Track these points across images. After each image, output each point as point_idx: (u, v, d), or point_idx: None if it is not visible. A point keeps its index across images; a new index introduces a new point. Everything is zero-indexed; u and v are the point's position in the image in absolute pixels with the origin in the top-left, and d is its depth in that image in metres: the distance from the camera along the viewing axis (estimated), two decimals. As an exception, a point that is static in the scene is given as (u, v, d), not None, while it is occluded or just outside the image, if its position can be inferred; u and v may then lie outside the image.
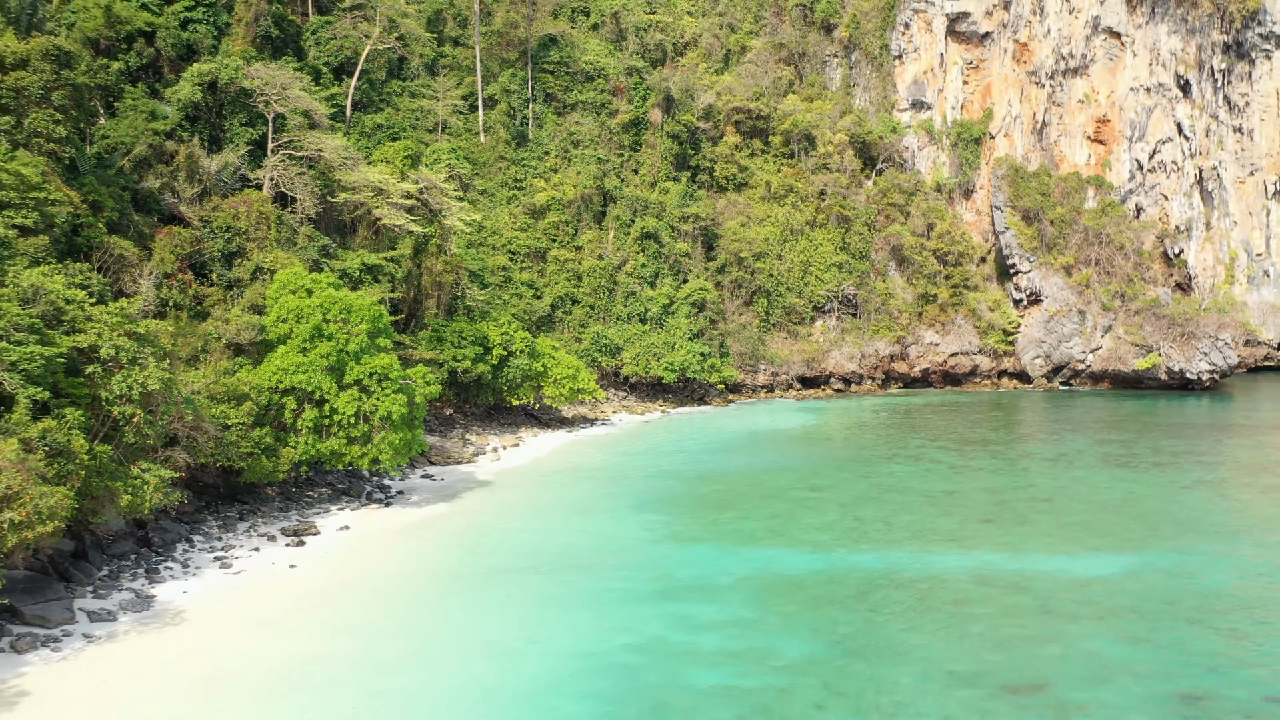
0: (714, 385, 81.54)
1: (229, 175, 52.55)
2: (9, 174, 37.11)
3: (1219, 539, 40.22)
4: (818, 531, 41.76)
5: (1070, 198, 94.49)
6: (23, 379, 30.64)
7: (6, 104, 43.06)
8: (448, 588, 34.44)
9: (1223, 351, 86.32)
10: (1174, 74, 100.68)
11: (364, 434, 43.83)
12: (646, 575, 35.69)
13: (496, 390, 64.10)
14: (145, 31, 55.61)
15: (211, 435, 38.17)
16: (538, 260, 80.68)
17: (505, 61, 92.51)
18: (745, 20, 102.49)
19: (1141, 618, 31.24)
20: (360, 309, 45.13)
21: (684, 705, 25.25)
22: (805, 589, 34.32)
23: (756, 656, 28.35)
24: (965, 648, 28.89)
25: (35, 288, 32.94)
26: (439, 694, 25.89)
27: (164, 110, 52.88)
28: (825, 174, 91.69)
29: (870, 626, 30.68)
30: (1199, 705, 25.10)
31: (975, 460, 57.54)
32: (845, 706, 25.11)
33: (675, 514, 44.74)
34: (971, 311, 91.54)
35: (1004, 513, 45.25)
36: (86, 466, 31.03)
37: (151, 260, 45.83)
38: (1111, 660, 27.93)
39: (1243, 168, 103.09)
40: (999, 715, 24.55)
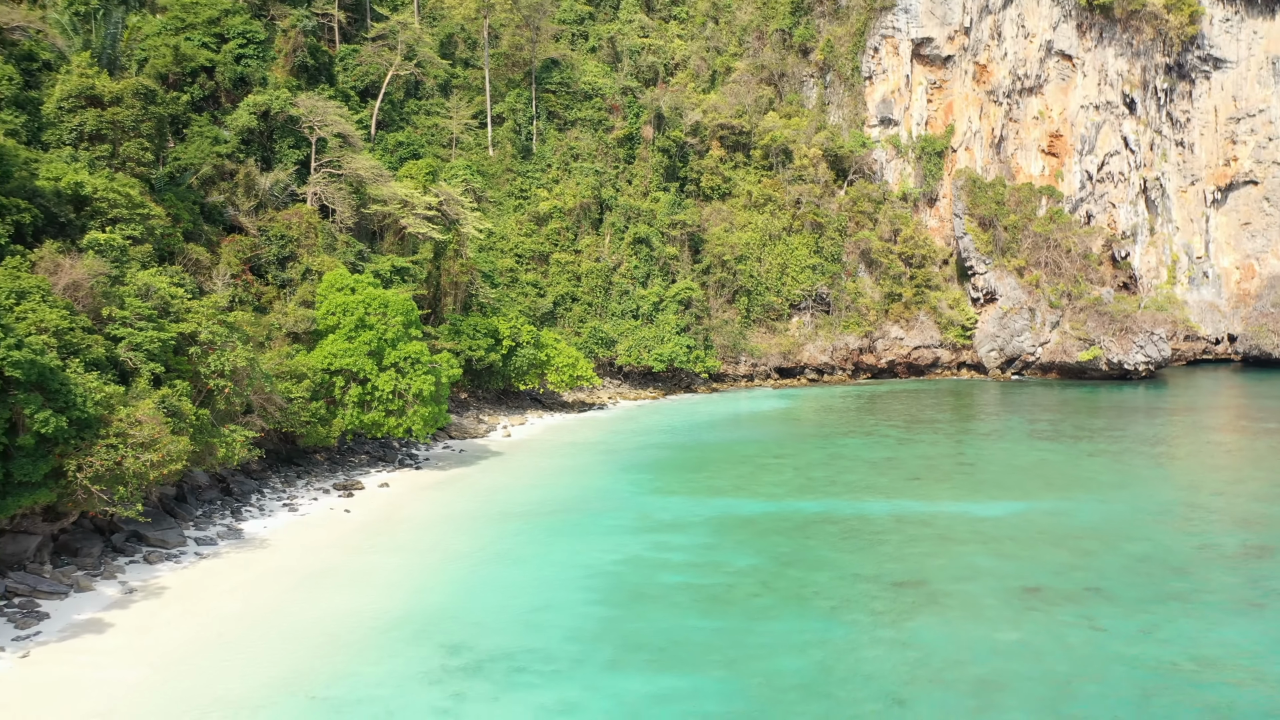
0: (699, 375, 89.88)
1: (280, 191, 60.94)
2: (119, 194, 45.48)
3: (1099, 491, 48.67)
4: (774, 486, 50.20)
5: (1023, 206, 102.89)
6: (145, 357, 38.99)
7: (105, 134, 51.50)
8: (471, 524, 42.89)
9: (1157, 345, 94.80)
10: (1121, 93, 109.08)
11: (399, 408, 52.23)
12: (630, 516, 44.12)
13: (506, 377, 72.40)
14: (206, 67, 63.84)
15: (279, 406, 46.67)
16: (541, 262, 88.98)
17: (511, 82, 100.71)
18: (730, 44, 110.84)
19: (1014, 543, 39.70)
20: (395, 304, 53.55)
21: (655, 595, 33.67)
22: (756, 525, 42.76)
23: (712, 566, 36.78)
24: (871, 559, 37.36)
25: (147, 285, 41.28)
26: (471, 585, 34.34)
27: (224, 135, 61.16)
28: (801, 184, 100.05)
29: (802, 548, 39.11)
30: (1036, 594, 33.50)
31: (919, 435, 65.97)
32: (773, 595, 33.54)
33: (658, 474, 53.16)
34: (933, 309, 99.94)
35: (930, 473, 53.72)
36: (193, 425, 39.40)
37: (220, 263, 54.19)
38: (981, 568, 36.39)
39: (1184, 178, 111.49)
40: (883, 599, 33.03)
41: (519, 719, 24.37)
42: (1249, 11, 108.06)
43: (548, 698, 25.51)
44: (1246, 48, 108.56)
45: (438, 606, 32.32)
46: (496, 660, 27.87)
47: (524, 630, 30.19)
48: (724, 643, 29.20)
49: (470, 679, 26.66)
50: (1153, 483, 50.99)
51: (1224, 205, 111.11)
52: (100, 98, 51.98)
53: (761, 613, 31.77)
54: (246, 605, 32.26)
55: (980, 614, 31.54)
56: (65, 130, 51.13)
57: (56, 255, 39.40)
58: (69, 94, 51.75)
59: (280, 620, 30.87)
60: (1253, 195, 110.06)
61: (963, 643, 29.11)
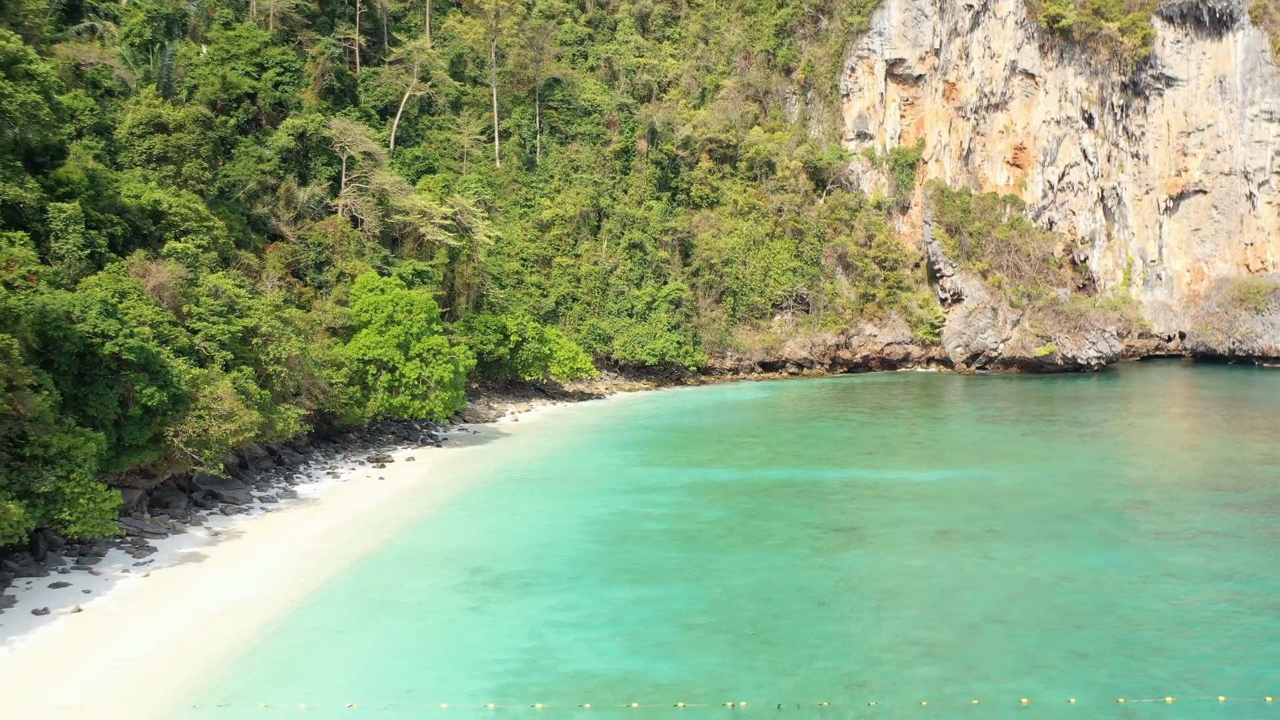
0: (688, 368, 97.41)
1: (315, 203, 68.55)
2: (189, 209, 53.05)
3: (1024, 462, 56.25)
4: (746, 459, 57.77)
5: (987, 214, 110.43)
6: (217, 346, 46.57)
7: (170, 156, 59.16)
8: (486, 487, 50.49)
9: (1108, 341, 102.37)
10: (1080, 109, 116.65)
11: (423, 392, 59.80)
12: (621, 482, 51.69)
13: (513, 368, 79.89)
14: (249, 93, 71.32)
15: (322, 389, 54.28)
16: (544, 265, 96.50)
17: (517, 99, 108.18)
18: (719, 63, 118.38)
19: (939, 500, 47.29)
20: (419, 303, 61.15)
21: (639, 537, 41.25)
22: (727, 488, 50.35)
23: (687, 517, 44.36)
24: (818, 513, 44.97)
25: (216, 286, 48.84)
26: (489, 529, 41.93)
27: (266, 154, 68.70)
28: (783, 194, 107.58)
29: (762, 505, 46.70)
30: (946, 535, 41.04)
31: (880, 420, 73.55)
32: (734, 537, 41.12)
33: (646, 451, 60.74)
34: (904, 309, 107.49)
35: (883, 449, 61.33)
36: (258, 403, 46.95)
37: (267, 267, 61.75)
38: (906, 517, 43.99)
39: (1139, 187, 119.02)
40: (822, 539, 40.62)
41: (530, 614, 31.88)
42: (1198, 34, 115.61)
43: (553, 601, 33.08)
44: (1196, 67, 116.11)
45: (463, 544, 39.90)
46: (511, 578, 35.45)
47: (532, 559, 37.79)
48: (692, 568, 36.78)
49: (491, 589, 34.24)
50: (1072, 456, 58.53)
51: (1176, 213, 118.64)
52: (166, 124, 59.72)
53: (723, 549, 39.37)
54: (312, 543, 39.85)
55: (897, 549, 39.15)
56: (136, 153, 58.86)
57: (144, 262, 47.01)
58: (139, 121, 59.50)
59: (342, 553, 38.48)
60: (1202, 204, 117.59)
61: (878, 568, 36.71)
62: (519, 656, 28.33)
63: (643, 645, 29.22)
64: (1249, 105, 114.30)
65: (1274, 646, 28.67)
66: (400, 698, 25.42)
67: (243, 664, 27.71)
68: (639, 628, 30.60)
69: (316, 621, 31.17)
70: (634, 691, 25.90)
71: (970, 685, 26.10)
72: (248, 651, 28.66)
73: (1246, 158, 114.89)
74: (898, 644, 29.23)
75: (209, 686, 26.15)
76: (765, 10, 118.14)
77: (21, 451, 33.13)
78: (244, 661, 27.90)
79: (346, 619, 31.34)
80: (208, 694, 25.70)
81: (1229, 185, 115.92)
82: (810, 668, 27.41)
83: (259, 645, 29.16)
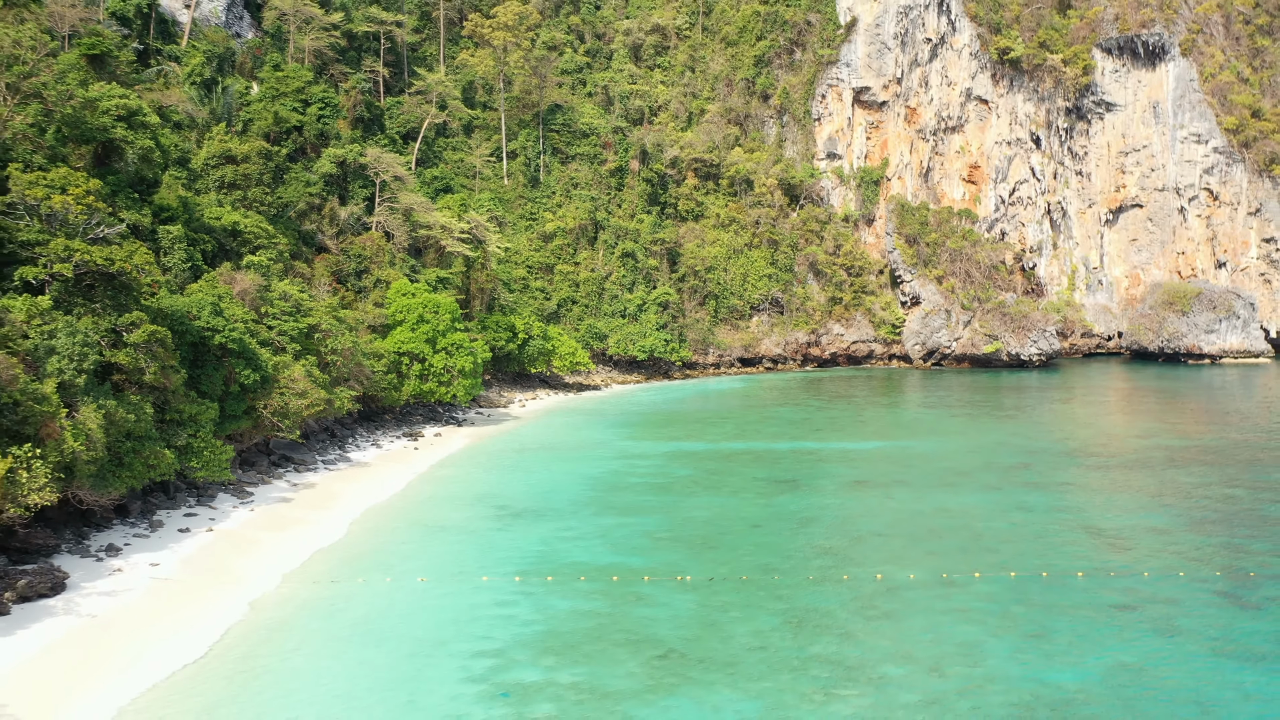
0: (675, 363, 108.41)
1: (354, 220, 79.63)
2: (260, 229, 64.15)
3: (944, 436, 67.31)
4: (716, 435, 68.87)
5: (943, 226, 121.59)
6: (288, 339, 57.66)
7: (238, 183, 70.29)
8: (502, 454, 61.58)
9: (1049, 339, 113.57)
10: (1029, 131, 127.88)
11: (448, 379, 70.88)
12: (611, 452, 62.74)
13: (520, 362, 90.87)
14: (297, 126, 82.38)
15: (367, 376, 65.36)
16: (547, 272, 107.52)
17: (523, 122, 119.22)
18: (704, 90, 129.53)
19: (864, 462, 58.41)
20: (444, 305, 72.23)
21: (624, 486, 52.33)
22: (697, 455, 61.46)
23: (663, 474, 55.45)
24: (766, 471, 56.09)
25: (286, 292, 59.95)
26: (507, 481, 53.03)
27: (313, 179, 79.72)
28: (760, 208, 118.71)
29: (725, 466, 57.81)
30: (862, 484, 52.12)
31: (835, 405, 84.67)
32: (697, 487, 52.16)
33: (634, 429, 71.81)
34: (868, 310, 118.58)
35: (830, 426, 72.46)
36: (321, 385, 58.01)
37: (316, 275, 72.79)
38: (833, 473, 55.11)
39: (1083, 201, 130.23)
40: (765, 489, 51.69)
41: (542, 533, 42.93)
42: (1134, 64, 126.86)
43: (558, 525, 44.16)
44: (1132, 94, 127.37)
45: (488, 491, 51.01)
46: (527, 512, 46.55)
47: (542, 500, 48.91)
48: (663, 506, 47.87)
49: (513, 519, 45.33)
50: (985, 432, 69.67)
51: (1115, 224, 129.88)
52: (234, 156, 70.85)
53: (688, 495, 50.48)
54: (373, 493, 50.98)
55: (821, 493, 50.33)
56: (211, 180, 69.96)
57: (230, 271, 58.13)
58: (213, 154, 70.64)
59: (399, 499, 49.59)
60: (1139, 216, 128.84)
61: (801, 505, 47.86)
62: (535, 554, 39.46)
63: (622, 549, 40.35)
64: (1179, 128, 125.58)
65: (1069, 549, 39.77)
66: (455, 577, 36.51)
67: (342, 563, 38.76)
68: (620, 539, 41.73)
69: (385, 541, 42.24)
70: (615, 572, 36.99)
71: (845, 569, 37.24)
72: (345, 557, 39.73)
73: (1178, 175, 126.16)
74: (803, 548, 40.39)
75: (328, 573, 37.21)
76: (746, 42, 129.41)
77: (165, 415, 44.24)
78: (343, 562, 38.95)
79: (409, 538, 42.44)
80: (331, 576, 36.78)
81: (1163, 200, 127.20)
82: (738, 560, 38.52)
83: (348, 554, 40.24)
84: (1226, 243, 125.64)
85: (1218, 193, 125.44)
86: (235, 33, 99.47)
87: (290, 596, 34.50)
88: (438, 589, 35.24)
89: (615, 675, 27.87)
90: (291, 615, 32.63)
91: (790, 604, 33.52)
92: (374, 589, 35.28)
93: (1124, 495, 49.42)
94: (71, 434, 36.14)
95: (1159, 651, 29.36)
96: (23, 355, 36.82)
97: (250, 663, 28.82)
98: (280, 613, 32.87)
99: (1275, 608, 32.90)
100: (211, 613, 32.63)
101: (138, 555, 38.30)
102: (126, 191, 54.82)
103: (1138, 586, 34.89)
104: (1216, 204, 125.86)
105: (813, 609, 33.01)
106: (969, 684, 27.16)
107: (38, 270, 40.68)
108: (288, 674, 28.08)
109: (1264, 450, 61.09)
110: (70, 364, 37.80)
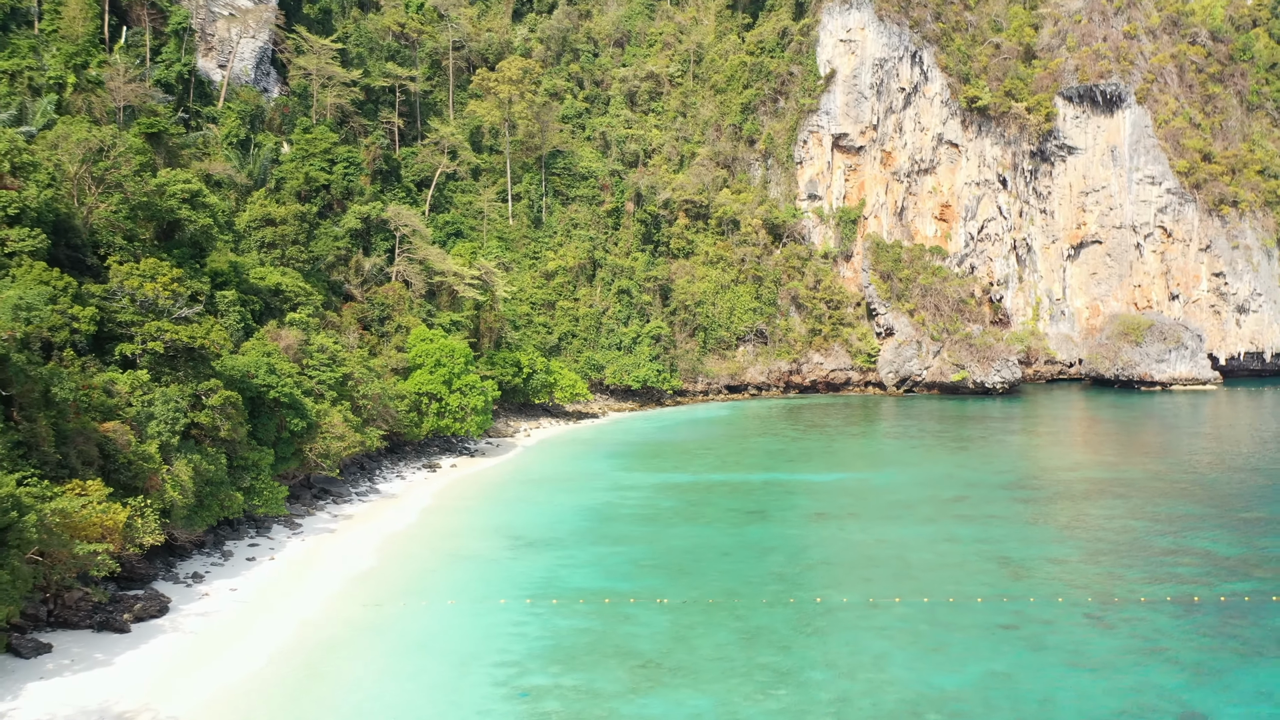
0: (667, 391, 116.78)
1: (376, 271, 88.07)
2: (298, 287, 72.55)
3: (899, 468, 75.62)
4: (699, 467, 77.23)
5: (915, 263, 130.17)
6: (327, 387, 66.06)
7: (275, 243, 78.74)
8: (510, 485, 69.93)
9: (1011, 368, 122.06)
10: (996, 173, 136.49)
11: (462, 416, 79.24)
12: (606, 484, 71.07)
13: (525, 394, 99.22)
14: (325, 185, 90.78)
15: (393, 415, 73.76)
16: (549, 308, 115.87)
17: (526, 165, 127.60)
18: (695, 134, 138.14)
19: (825, 494, 66.75)
20: (459, 350, 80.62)
21: (617, 517, 60.65)
22: (681, 487, 69.81)
23: (650, 505, 63.78)
24: (739, 502, 64.43)
25: (323, 345, 68.35)
26: (517, 512, 61.36)
27: (339, 232, 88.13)
28: (746, 246, 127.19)
29: (704, 498, 66.16)
30: (821, 517, 60.40)
31: (809, 435, 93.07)
32: (679, 518, 60.49)
33: (626, 460, 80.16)
34: (846, 341, 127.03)
35: (802, 457, 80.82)
36: (355, 427, 66.33)
37: (344, 322, 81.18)
38: (797, 504, 63.42)
39: (1047, 238, 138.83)
40: (738, 518, 59.99)
41: (549, 561, 51.22)
42: (1093, 111, 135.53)
43: (561, 554, 52.48)
44: (1092, 139, 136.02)
45: (501, 522, 59.35)
46: (537, 542, 54.87)
47: (548, 530, 57.21)
48: (648, 536, 56.20)
49: (525, 548, 53.66)
50: (936, 463, 78.03)
51: (1077, 259, 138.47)
52: (274, 219, 79.38)
53: (670, 525, 58.83)
54: (397, 521, 59.35)
55: (783, 524, 58.71)
56: (253, 241, 78.43)
57: (275, 329, 66.57)
58: (255, 217, 79.16)
59: (424, 529, 57.95)
60: (1099, 252, 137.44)
61: (766, 535, 56.20)
62: (542, 579, 47.82)
63: (614, 575, 48.71)
64: (1135, 171, 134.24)
65: (978, 577, 48.13)
66: (478, 600, 44.87)
67: (380, 587, 47.08)
68: (612, 566, 50.10)
69: (417, 568, 50.59)
70: (607, 595, 45.33)
71: (793, 593, 45.62)
72: (383, 582, 48.07)
73: (1134, 214, 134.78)
74: (762, 574, 48.77)
75: (372, 597, 45.56)
76: (733, 90, 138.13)
77: (233, 462, 52.63)
78: (380, 586, 47.27)
79: (437, 566, 50.80)
80: (375, 600, 45.13)
81: (1120, 237, 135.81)
82: (708, 585, 46.88)
83: (385, 579, 48.59)
84: (1179, 276, 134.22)
85: (1171, 230, 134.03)
86: (263, 88, 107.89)
87: (339, 616, 42.76)
88: (465, 610, 43.60)
89: (606, 680, 36.21)
90: (341, 632, 40.92)
91: (746, 623, 41.88)
92: (414, 609, 43.62)
93: (1038, 528, 57.86)
94: (170, 484, 44.58)
95: (1024, 662, 37.73)
96: (130, 421, 45.24)
97: (314, 669, 37.14)
98: (332, 630, 41.15)
99: (1127, 627, 41.27)
100: (277, 628, 40.94)
101: (218, 581, 46.70)
102: (190, 263, 63.29)
103: (1024, 609, 43.30)
104: (1170, 241, 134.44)
105: (762, 627, 41.38)
106: (873, 686, 35.53)
107: (134, 346, 49.14)
108: (350, 680, 36.41)
109: (1170, 482, 69.56)
110: (166, 427, 46.26)
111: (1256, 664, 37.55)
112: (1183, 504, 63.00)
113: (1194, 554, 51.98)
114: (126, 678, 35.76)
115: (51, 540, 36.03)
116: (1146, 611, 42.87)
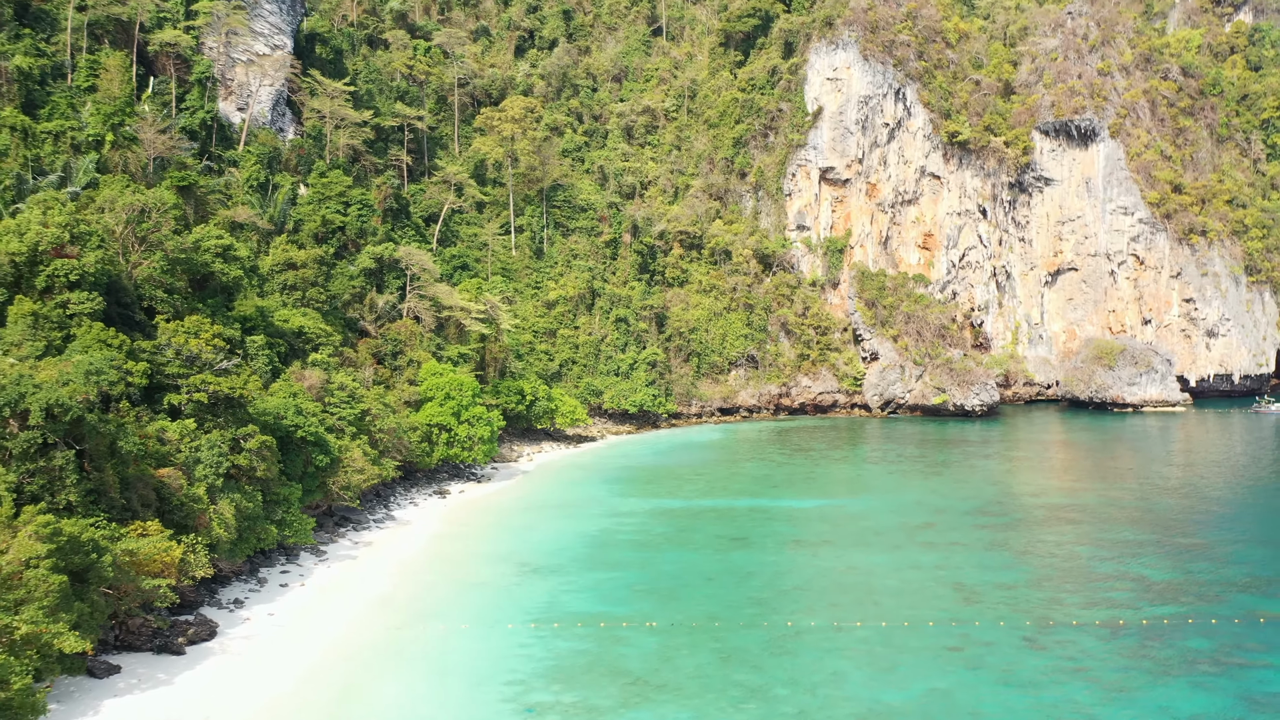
0: (662, 414, 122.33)
1: (389, 308, 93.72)
2: (319, 329, 78.18)
3: (876, 494, 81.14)
4: (690, 492, 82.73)
5: (899, 290, 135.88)
6: (347, 423, 71.63)
7: (297, 285, 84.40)
8: (515, 510, 75.43)
9: (989, 391, 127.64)
10: (976, 203, 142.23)
11: (470, 445, 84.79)
12: (603, 509, 76.58)
13: (528, 420, 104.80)
14: (340, 227, 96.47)
15: (405, 446, 79.38)
16: (550, 336, 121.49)
17: (528, 198, 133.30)
18: (689, 167, 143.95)
19: (804, 520, 72.26)
20: (467, 384, 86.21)
21: (613, 544, 66.17)
22: (673, 512, 75.33)
23: (643, 532, 69.29)
24: (725, 529, 69.92)
25: (343, 383, 73.93)
26: (523, 539, 66.85)
27: (354, 271, 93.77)
28: (738, 275, 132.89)
29: (693, 524, 71.66)
30: (799, 543, 65.88)
31: (794, 459, 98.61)
32: (670, 543, 65.98)
33: (623, 486, 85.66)
34: (833, 365, 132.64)
35: (786, 483, 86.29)
36: (372, 459, 71.87)
37: (359, 358, 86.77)
38: (778, 531, 68.90)
39: (1025, 265, 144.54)
40: (723, 545, 65.47)
41: (550, 587, 56.70)
42: (1069, 145, 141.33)
43: (562, 580, 57.98)
44: (1068, 171, 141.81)
45: (507, 549, 64.86)
46: (542, 568, 60.36)
47: (549, 557, 62.73)
48: (641, 562, 61.70)
49: (529, 575, 59.16)
50: (909, 490, 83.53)
51: (1054, 285, 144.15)
52: (295, 263, 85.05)
53: (662, 551, 64.34)
54: (413, 548, 64.87)
55: (764, 550, 64.22)
56: (275, 284, 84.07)
57: (299, 369, 72.20)
58: (277, 261, 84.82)
59: (431, 551, 63.48)
60: (1075, 278, 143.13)
61: (747, 560, 61.72)
62: (544, 604, 53.34)
63: (609, 599, 54.23)
64: (1109, 201, 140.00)
65: (934, 601, 53.63)
66: (488, 624, 50.38)
67: (398, 611, 52.59)
68: (608, 591, 55.62)
69: (432, 595, 56.10)
70: (602, 619, 50.83)
71: (767, 617, 51.14)
72: (401, 606, 53.58)
73: (1108, 243, 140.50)
74: (741, 599, 54.28)
75: (393, 620, 51.09)
76: (725, 125, 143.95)
77: (267, 498, 58.21)
78: (398, 610, 52.78)
79: (449, 593, 56.32)
80: (396, 624, 50.65)
81: (1095, 264, 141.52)
82: (692, 608, 52.40)
83: (405, 604, 54.11)
84: (1152, 302, 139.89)
85: (1143, 258, 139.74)
86: (279, 128, 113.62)
87: (364, 639, 48.27)
88: (477, 633, 49.14)
89: (600, 696, 41.74)
90: (368, 654, 46.44)
91: (724, 644, 47.42)
92: (433, 633, 49.16)
93: (995, 553, 63.41)
94: (216, 522, 50.18)
95: (963, 680, 43.26)
96: (180, 466, 50.84)
97: (347, 688, 42.65)
98: (360, 651, 46.66)
99: (1058, 649, 46.79)
100: (311, 649, 46.46)
101: (257, 606, 52.25)
102: (222, 312, 68.94)
103: (970, 632, 48.83)
104: (1143, 268, 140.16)
105: (738, 648, 46.92)
106: (829, 701, 41.07)
107: (180, 396, 54.75)
108: (379, 698, 41.93)
109: (1120, 508, 75.13)
110: (211, 470, 51.86)
111: (1164, 682, 43.07)
112: (1129, 530, 68.57)
113: (1129, 579, 57.54)
114: (187, 695, 41.29)
115: (122, 576, 41.62)
116: (1076, 634, 48.38)
